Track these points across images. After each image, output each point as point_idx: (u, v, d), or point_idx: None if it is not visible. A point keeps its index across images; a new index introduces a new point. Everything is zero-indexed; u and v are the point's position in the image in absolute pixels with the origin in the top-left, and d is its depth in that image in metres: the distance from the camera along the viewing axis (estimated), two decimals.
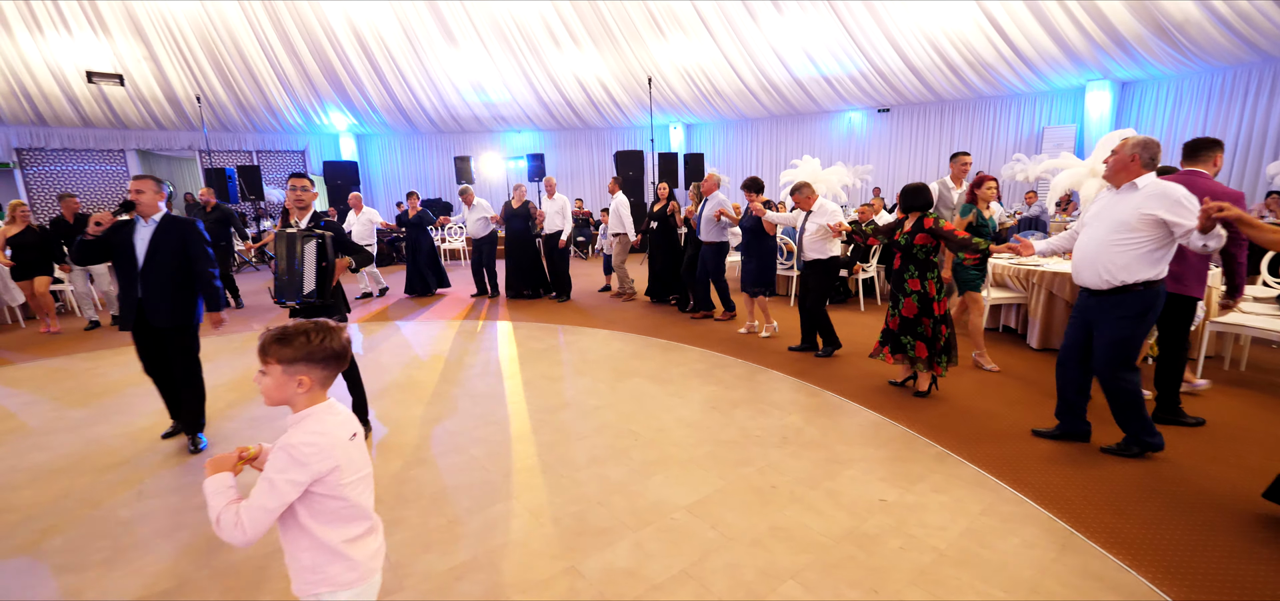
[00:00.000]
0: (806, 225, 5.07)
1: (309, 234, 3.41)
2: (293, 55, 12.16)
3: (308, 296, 3.43)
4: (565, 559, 2.47)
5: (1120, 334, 3.00)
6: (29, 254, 6.59)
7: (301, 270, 3.41)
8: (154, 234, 3.43)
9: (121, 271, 3.40)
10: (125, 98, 12.06)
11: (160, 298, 3.39)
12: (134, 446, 3.70)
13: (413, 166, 16.67)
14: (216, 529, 1.27)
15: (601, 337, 6.04)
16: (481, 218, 7.90)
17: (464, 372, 5.01)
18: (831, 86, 12.50)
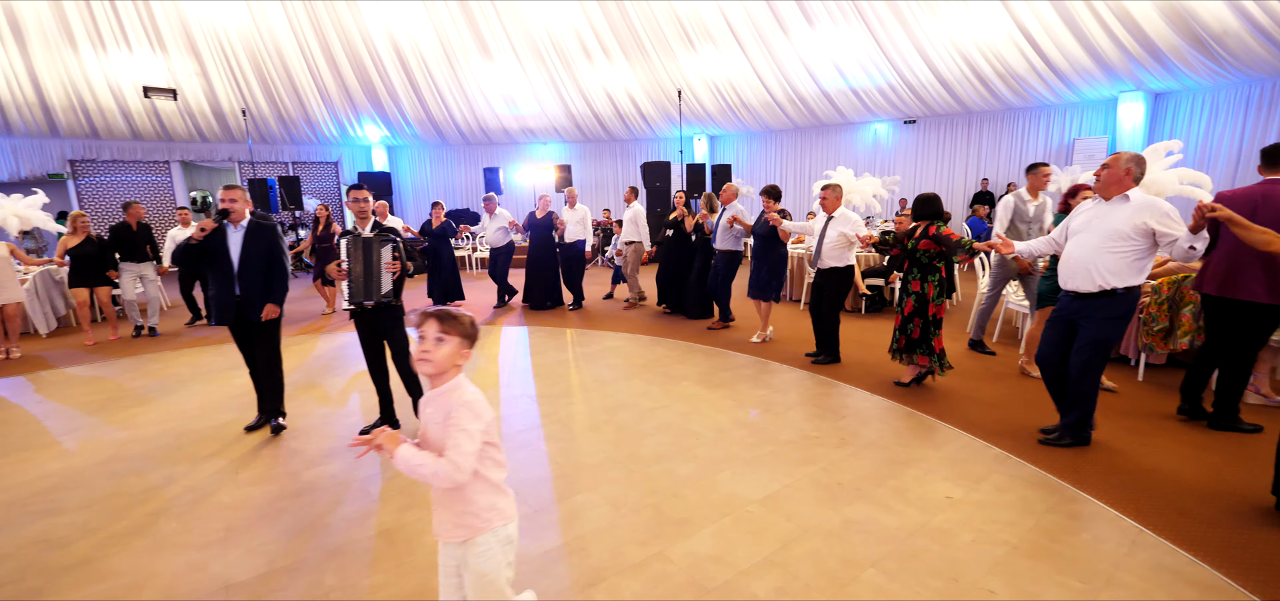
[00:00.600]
0: (827, 231, 5.12)
1: (385, 238, 3.62)
2: (334, 69, 12.57)
3: (383, 297, 3.63)
4: (651, 545, 2.60)
5: (1103, 334, 3.23)
6: (89, 264, 6.79)
7: (378, 272, 3.61)
8: (245, 237, 3.70)
9: (218, 272, 3.65)
10: (174, 111, 12.55)
11: (255, 294, 3.69)
12: (221, 438, 3.91)
13: (441, 177, 17.04)
14: (436, 480, 1.53)
15: (643, 343, 6.17)
16: (501, 226, 8.11)
17: (516, 376, 5.18)
18: (859, 98, 12.60)
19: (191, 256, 3.60)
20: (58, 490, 3.30)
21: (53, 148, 12.68)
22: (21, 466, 3.61)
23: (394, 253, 3.62)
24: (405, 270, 3.69)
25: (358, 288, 3.62)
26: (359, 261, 3.60)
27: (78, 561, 2.62)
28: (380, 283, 3.61)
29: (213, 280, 3.71)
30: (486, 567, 1.63)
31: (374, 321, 3.72)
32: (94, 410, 4.57)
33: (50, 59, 10.62)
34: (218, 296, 3.69)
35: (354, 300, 3.63)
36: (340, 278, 3.63)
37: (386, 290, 3.62)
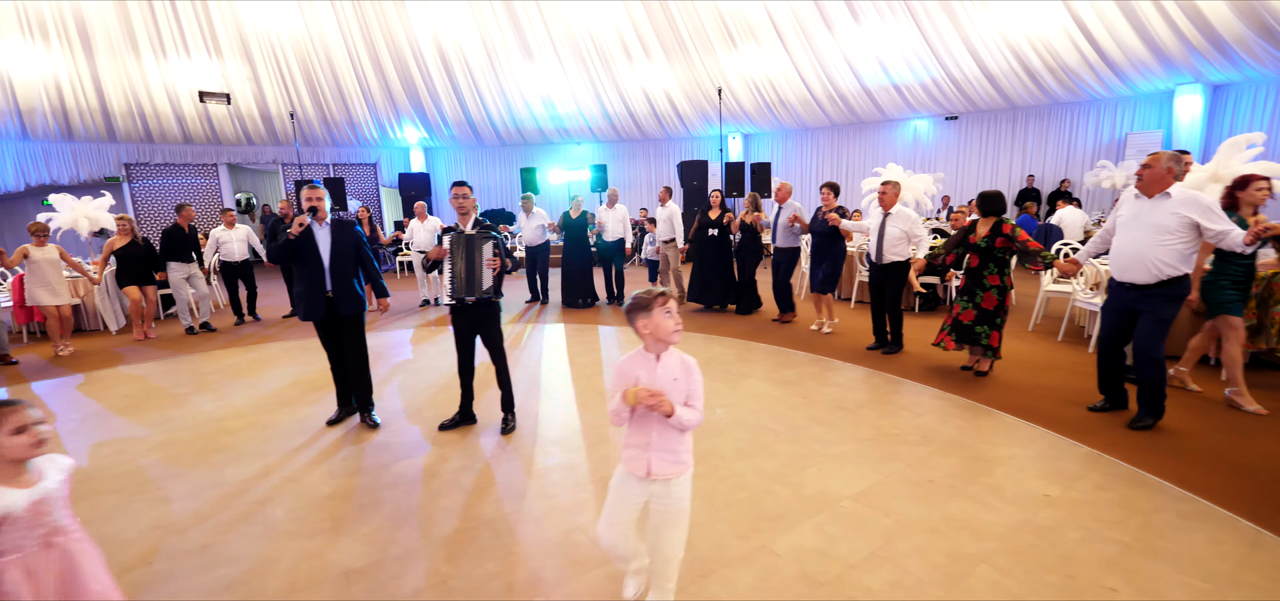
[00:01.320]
0: (887, 227, 5.25)
1: (486, 235, 3.70)
2: (379, 71, 12.84)
3: (484, 293, 3.71)
4: (752, 539, 2.61)
5: (1163, 314, 3.46)
6: (135, 265, 7.00)
7: (480, 269, 3.69)
8: (332, 235, 3.82)
9: (308, 269, 3.76)
10: (224, 114, 12.94)
11: (345, 289, 3.81)
12: (303, 431, 4.03)
13: (476, 177, 17.25)
14: (692, 425, 1.92)
15: (698, 340, 6.18)
16: (539, 225, 8.30)
17: (579, 372, 5.23)
18: (900, 94, 12.43)
19: (286, 253, 3.71)
20: (162, 480, 3.44)
21: (109, 151, 13.19)
22: (120, 456, 3.77)
23: (495, 249, 3.69)
24: (505, 267, 3.77)
25: (460, 283, 3.70)
26: (461, 258, 3.68)
27: (197, 546, 2.73)
28: (481, 278, 3.69)
29: (301, 277, 3.80)
30: (684, 496, 1.99)
31: (472, 317, 3.81)
32: (173, 403, 4.75)
33: (114, 65, 11.05)
34: (307, 293, 3.79)
35: (456, 295, 3.72)
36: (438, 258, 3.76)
37: (487, 286, 3.70)
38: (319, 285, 3.76)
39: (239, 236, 7.79)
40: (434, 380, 5.13)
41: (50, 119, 11.65)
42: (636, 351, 2.00)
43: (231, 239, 7.74)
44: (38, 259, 6.35)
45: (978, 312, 4.55)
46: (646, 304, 1.91)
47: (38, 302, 6.43)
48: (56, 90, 11.21)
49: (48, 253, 6.43)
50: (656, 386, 1.87)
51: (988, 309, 4.50)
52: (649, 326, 1.91)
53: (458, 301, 3.73)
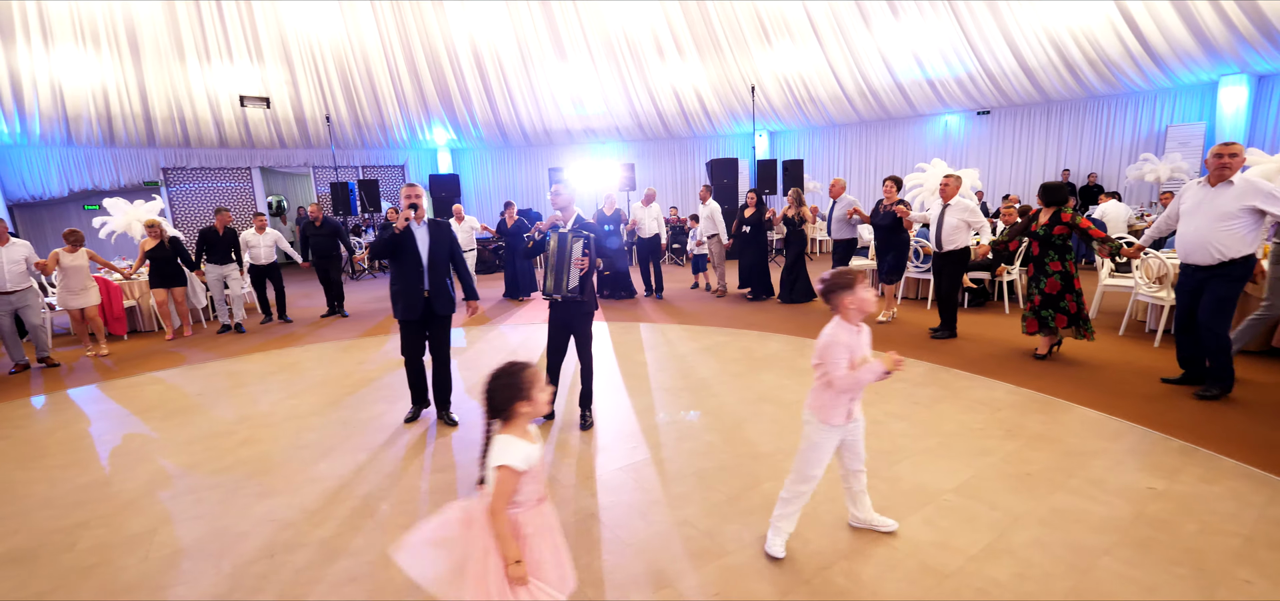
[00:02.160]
0: (945, 217, 5.62)
1: (578, 235, 3.75)
2: (413, 73, 12.98)
3: (570, 291, 3.76)
4: (864, 531, 2.63)
5: (1225, 292, 3.76)
6: (164, 266, 7.21)
7: (568, 267, 3.74)
8: (429, 234, 3.90)
9: (407, 267, 3.82)
10: (260, 118, 13.15)
11: (440, 288, 3.91)
12: (383, 428, 4.10)
13: (502, 178, 17.38)
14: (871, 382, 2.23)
15: (751, 339, 6.20)
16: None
17: (633, 369, 5.27)
18: (933, 89, 12.35)
19: (390, 248, 3.77)
20: (257, 474, 3.52)
21: (149, 156, 13.44)
22: (211, 450, 3.86)
23: (584, 250, 3.74)
24: (593, 267, 3.82)
25: (551, 280, 3.78)
26: (553, 255, 3.76)
27: (317, 541, 2.79)
28: (569, 277, 3.74)
29: (398, 275, 3.86)
30: (862, 431, 2.47)
31: (562, 314, 3.88)
32: (246, 400, 4.85)
33: (160, 70, 11.27)
34: (405, 291, 3.84)
35: (546, 292, 3.82)
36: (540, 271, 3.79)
37: (573, 285, 3.74)
38: (417, 283, 3.82)
39: (267, 241, 7.91)
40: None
41: (94, 125, 11.90)
42: (838, 325, 2.24)
43: (260, 243, 7.86)
44: (68, 265, 6.52)
45: (1043, 297, 4.80)
46: (850, 282, 2.18)
47: (66, 307, 6.62)
48: (103, 96, 11.46)
49: (78, 259, 6.58)
50: (863, 352, 2.26)
51: (1051, 293, 4.74)
52: (854, 301, 2.18)
53: (547, 297, 3.83)
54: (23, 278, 6.08)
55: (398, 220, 3.73)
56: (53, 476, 3.63)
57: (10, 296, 6.01)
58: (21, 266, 6.06)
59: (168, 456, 3.84)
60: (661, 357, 5.60)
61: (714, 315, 7.39)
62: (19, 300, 6.06)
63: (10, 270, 5.97)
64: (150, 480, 3.51)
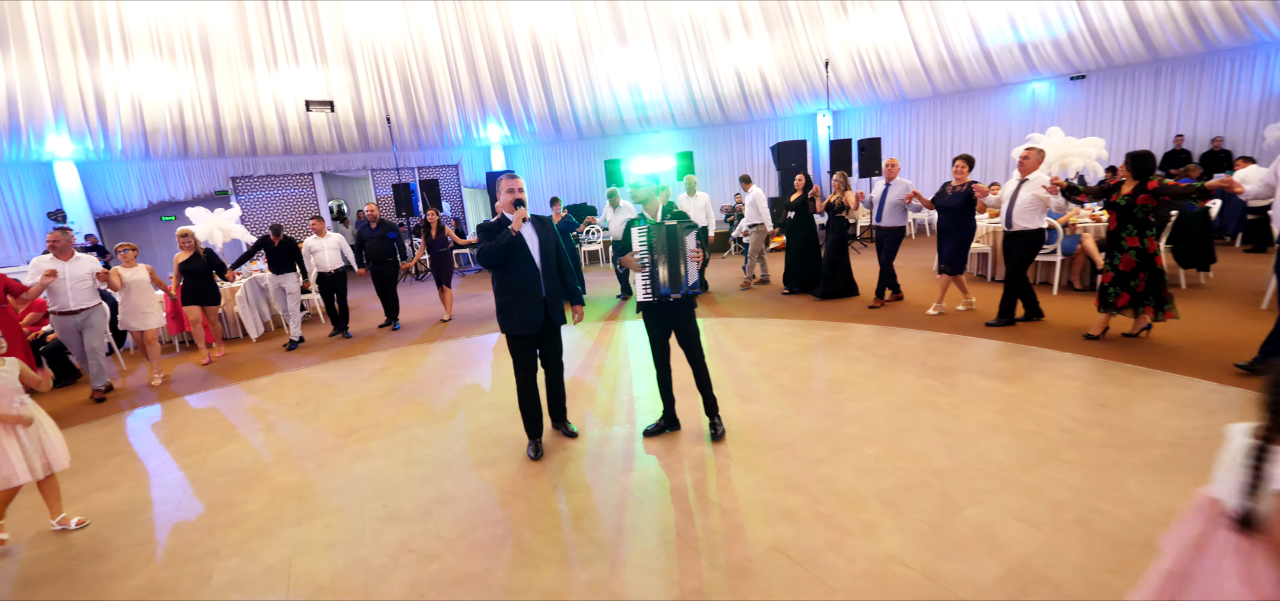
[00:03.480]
0: (1020, 192, 5.21)
1: (687, 224, 3.35)
2: (472, 69, 12.85)
3: (691, 288, 3.38)
4: (1128, 572, 2.14)
5: None
6: (196, 279, 6.63)
7: (685, 261, 3.35)
8: (537, 233, 3.44)
9: (520, 276, 3.34)
10: (322, 123, 13.25)
11: (556, 293, 3.50)
12: (498, 443, 3.79)
13: (554, 173, 17.16)
14: None
15: (851, 332, 5.68)
16: (625, 219, 7.98)
17: (735, 369, 4.84)
18: (1024, 54, 11.40)
19: (502, 256, 3.28)
20: (380, 493, 3.27)
21: (219, 167, 13.73)
22: (335, 471, 3.64)
23: (698, 240, 3.35)
24: (706, 259, 3.42)
25: (662, 278, 3.36)
26: (662, 251, 3.35)
27: (461, 576, 2.49)
28: (686, 272, 3.35)
29: (509, 285, 3.35)
30: None
31: (669, 314, 3.47)
32: (351, 410, 4.66)
33: (230, 79, 11.44)
34: (520, 301, 3.34)
35: (656, 292, 3.38)
36: (635, 269, 3.40)
37: (692, 281, 3.36)
38: (533, 291, 3.35)
39: (331, 245, 7.39)
40: (570, 384, 4.87)
41: (170, 138, 12.20)
42: None
43: (323, 247, 7.34)
44: (130, 281, 5.96)
45: (1115, 274, 4.55)
46: None
47: (129, 328, 6.08)
48: (178, 109, 11.72)
49: (139, 273, 6.02)
50: None
51: (1124, 270, 4.50)
52: None
53: (657, 299, 3.39)
54: (89, 294, 5.60)
55: (514, 220, 3.27)
56: (174, 500, 3.47)
57: (75, 317, 5.52)
58: (88, 283, 5.57)
59: (281, 475, 3.64)
60: (762, 356, 5.15)
61: (758, 306, 6.90)
62: (83, 320, 5.56)
63: (74, 288, 5.47)
64: (271, 502, 3.30)
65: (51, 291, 5.41)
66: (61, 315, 5.50)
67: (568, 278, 3.63)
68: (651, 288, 3.40)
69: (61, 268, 5.44)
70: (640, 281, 3.41)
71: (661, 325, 3.51)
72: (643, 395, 4.43)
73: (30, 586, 2.73)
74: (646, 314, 3.52)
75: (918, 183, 13.53)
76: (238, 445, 4.21)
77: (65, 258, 5.50)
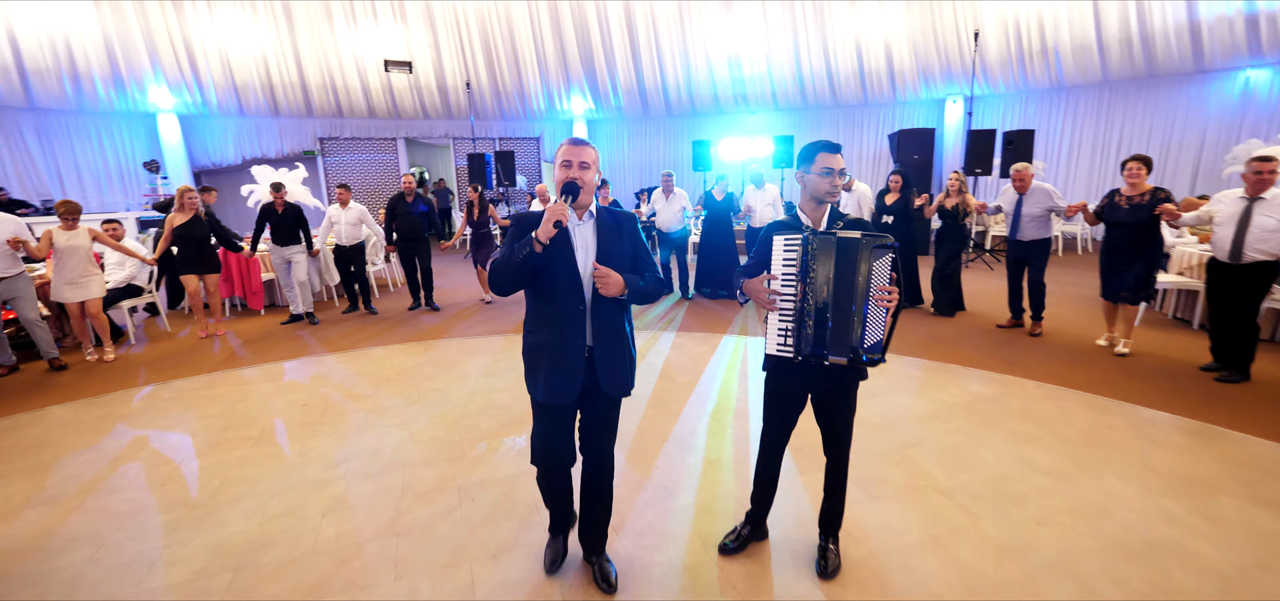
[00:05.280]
0: (1254, 214, 4.08)
1: (877, 243, 2.04)
2: (557, 34, 11.98)
3: (868, 350, 2.08)
4: None
5: None
6: (193, 246, 5.90)
7: (865, 303, 2.05)
8: (599, 237, 2.21)
9: (556, 308, 2.13)
10: (404, 87, 12.89)
11: (614, 343, 2.23)
12: (505, 521, 2.74)
13: (638, 153, 16.07)
14: None
15: (1011, 389, 4.12)
16: (679, 208, 7.37)
17: (872, 438, 3.48)
18: (1254, 28, 8.84)
19: (523, 274, 2.02)
20: (467, 487, 2.30)
21: (308, 126, 13.79)
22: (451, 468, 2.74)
23: (893, 270, 2.06)
24: (901, 303, 2.12)
25: (816, 327, 2.08)
26: (828, 280, 2.07)
27: None
28: (863, 320, 2.06)
29: (542, 319, 2.11)
30: None
31: (813, 384, 2.25)
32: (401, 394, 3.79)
33: (310, 35, 11.23)
34: (553, 347, 2.07)
35: (804, 348, 2.11)
36: (767, 304, 2.16)
37: (873, 339, 2.07)
38: (574, 336, 2.07)
39: (351, 218, 6.82)
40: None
41: (259, 94, 12.24)
42: None
43: (342, 220, 6.77)
44: (63, 247, 5.16)
45: None
46: None
47: (60, 299, 5.26)
48: (264, 64, 11.67)
49: (76, 238, 5.22)
50: None
51: None
52: None
53: (802, 356, 2.12)
54: (9, 262, 4.92)
55: (546, 218, 1.92)
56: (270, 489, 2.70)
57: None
58: (6, 253, 4.88)
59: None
60: (882, 415, 3.75)
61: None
62: (5, 289, 4.95)
63: None
64: (386, 527, 2.43)
65: None
66: None
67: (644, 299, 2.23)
68: (793, 336, 2.13)
69: None
70: (775, 323, 2.16)
71: (796, 396, 2.29)
72: (710, 463, 3.23)
73: None
74: (775, 374, 2.29)
75: (1067, 190, 11.18)
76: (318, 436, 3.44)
77: None
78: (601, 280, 2.01)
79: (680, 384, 4.50)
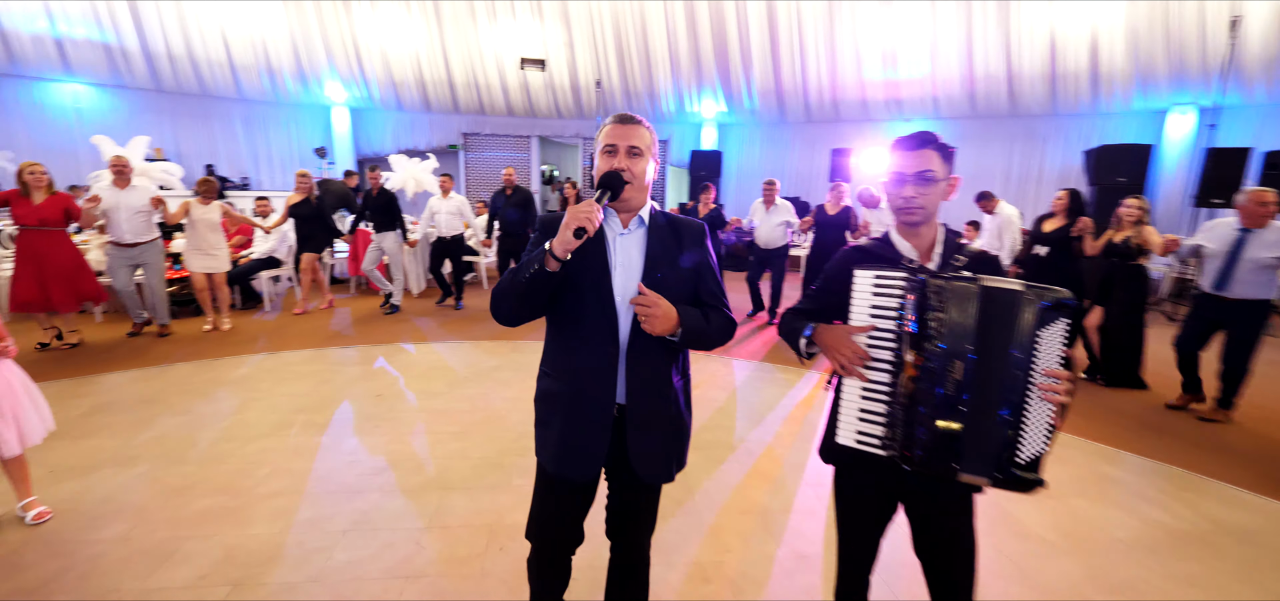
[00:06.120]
0: None
1: (1042, 292, 1.23)
2: (692, 31, 11.49)
3: (1026, 468, 1.26)
4: None
5: None
6: (302, 225, 6.21)
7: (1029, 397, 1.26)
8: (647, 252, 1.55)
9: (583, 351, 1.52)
10: (540, 85, 13.18)
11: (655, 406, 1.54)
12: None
13: (772, 159, 15.01)
14: None
15: (1262, 516, 2.69)
16: (782, 222, 6.37)
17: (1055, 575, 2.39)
18: None
19: (538, 297, 1.43)
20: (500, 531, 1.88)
21: (454, 122, 14.69)
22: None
23: (1066, 344, 1.24)
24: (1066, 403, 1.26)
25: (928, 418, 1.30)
26: (961, 343, 1.28)
27: None
28: (1023, 420, 1.26)
29: (561, 360, 1.53)
30: None
31: (912, 493, 1.46)
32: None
33: (457, 34, 11.87)
34: (573, 401, 1.48)
35: (901, 447, 1.32)
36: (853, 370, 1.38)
37: (1030, 453, 1.25)
38: (601, 384, 1.47)
39: (451, 208, 6.69)
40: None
41: (413, 90, 13.20)
42: None
43: (442, 209, 6.68)
44: (198, 218, 5.50)
45: None
46: None
47: (190, 269, 5.57)
48: (417, 62, 12.55)
49: (210, 213, 5.57)
50: None
51: None
52: None
53: (904, 454, 1.32)
54: (146, 228, 5.20)
55: (565, 224, 1.33)
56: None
57: (130, 250, 5.15)
58: (144, 217, 5.15)
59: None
60: (1068, 537, 2.60)
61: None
62: (139, 254, 5.20)
63: (130, 220, 5.09)
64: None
65: (108, 220, 5.07)
66: (116, 247, 5.15)
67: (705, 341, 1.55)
68: (889, 424, 1.34)
69: (117, 197, 5.04)
70: (855, 395, 1.39)
71: (878, 503, 1.49)
72: (774, 560, 2.40)
73: None
74: (848, 472, 1.52)
75: None
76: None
77: (122, 184, 5.08)
78: (645, 310, 1.39)
79: (742, 428, 3.67)
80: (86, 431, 3.48)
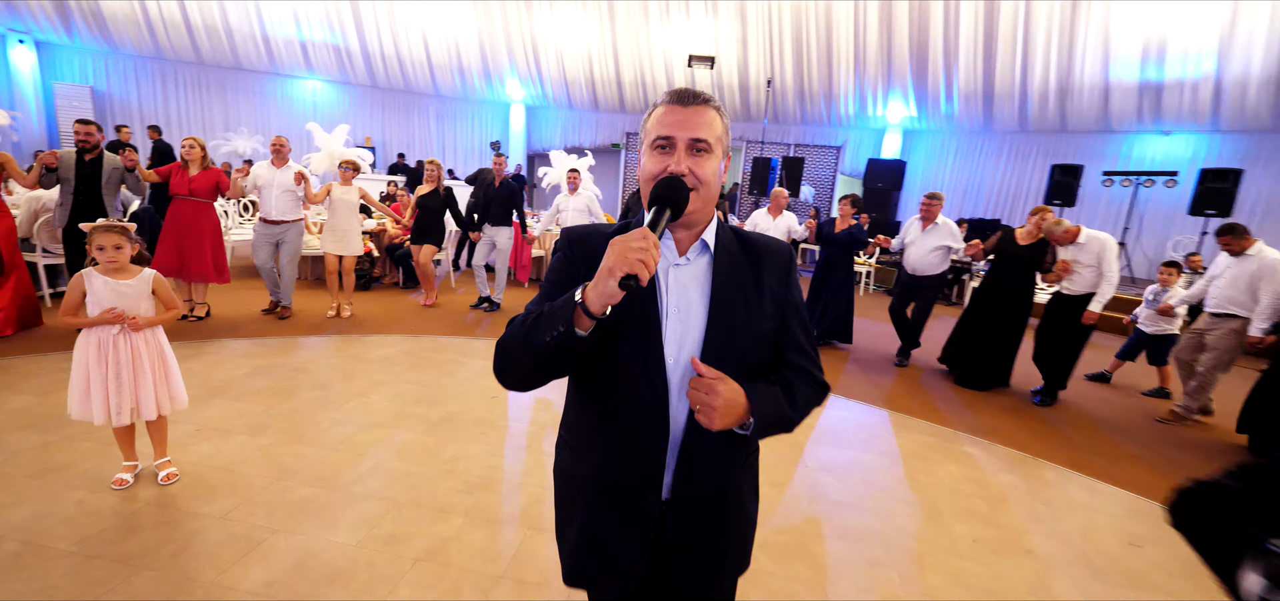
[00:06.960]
0: None
1: None
2: (885, 27, 10.15)
3: None
4: None
5: None
6: (426, 217, 6.01)
7: None
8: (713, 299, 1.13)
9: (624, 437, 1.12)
10: (707, 84, 12.69)
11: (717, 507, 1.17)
12: None
13: (965, 172, 12.90)
14: None
15: None
16: (940, 246, 5.12)
17: None
18: None
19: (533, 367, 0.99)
20: None
21: (619, 121, 14.88)
22: None
23: None
24: None
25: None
26: None
27: None
28: None
29: (590, 429, 1.11)
30: None
31: None
32: None
33: (629, 33, 11.85)
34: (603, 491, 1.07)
35: None
36: None
37: None
38: (643, 475, 1.03)
39: (579, 205, 6.21)
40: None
41: (583, 90, 13.53)
42: None
43: (570, 207, 6.22)
44: (339, 198, 5.44)
45: None
46: None
47: (326, 250, 5.50)
48: (588, 62, 12.80)
49: (350, 194, 5.49)
50: None
51: None
52: None
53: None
54: (292, 207, 5.21)
55: (608, 263, 0.88)
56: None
57: (275, 227, 5.18)
58: (290, 196, 5.15)
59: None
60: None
61: None
62: (282, 232, 5.21)
63: (279, 198, 5.11)
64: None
65: (261, 197, 5.19)
66: (264, 223, 5.22)
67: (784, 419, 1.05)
68: None
69: (271, 174, 5.12)
70: None
71: None
72: None
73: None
74: None
75: None
76: None
77: (279, 163, 5.13)
78: (702, 401, 0.97)
79: (841, 506, 2.67)
80: (243, 393, 3.69)
